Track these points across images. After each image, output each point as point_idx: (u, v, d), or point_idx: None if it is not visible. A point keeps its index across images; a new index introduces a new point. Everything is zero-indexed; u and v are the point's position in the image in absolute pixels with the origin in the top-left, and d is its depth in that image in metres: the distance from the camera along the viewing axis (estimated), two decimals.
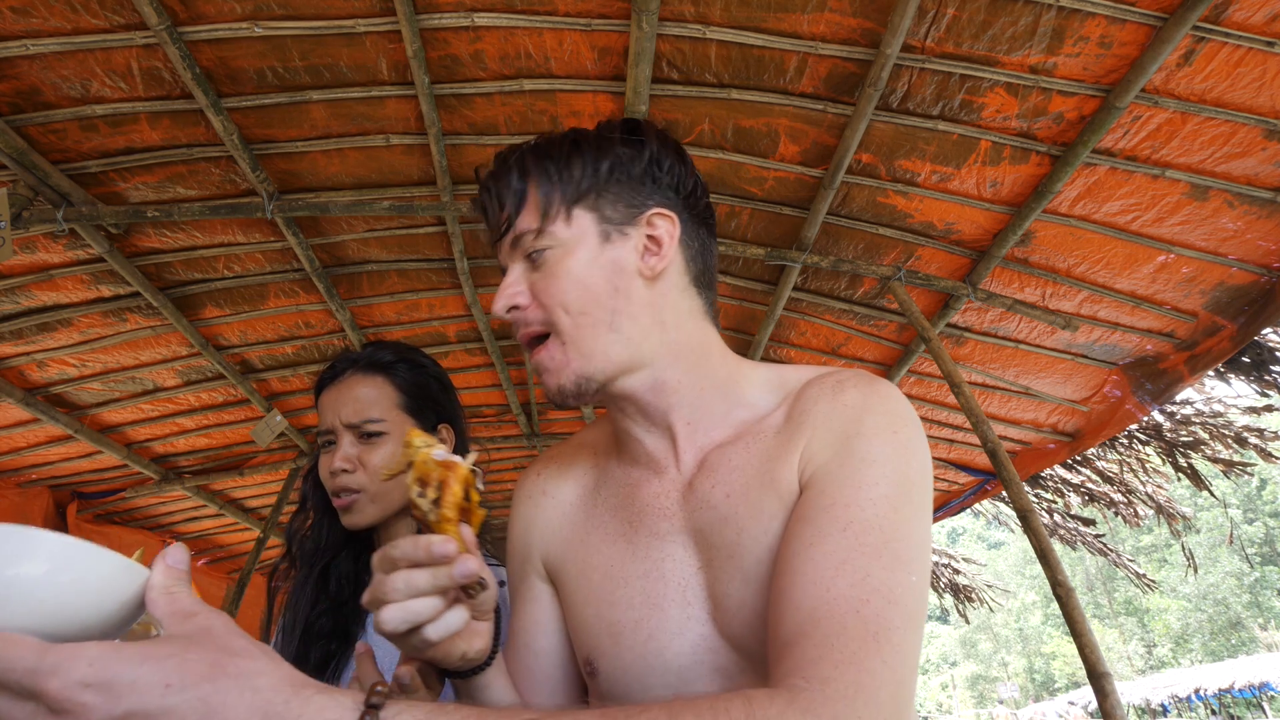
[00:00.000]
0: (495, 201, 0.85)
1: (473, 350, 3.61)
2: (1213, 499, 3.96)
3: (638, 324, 0.82)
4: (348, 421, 1.21)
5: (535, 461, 1.02)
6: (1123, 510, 4.17)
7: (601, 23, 2.01)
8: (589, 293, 0.81)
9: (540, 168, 0.83)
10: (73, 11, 1.83)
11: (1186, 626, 28.11)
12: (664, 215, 0.85)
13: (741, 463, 0.81)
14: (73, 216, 2.27)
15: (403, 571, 0.65)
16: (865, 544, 0.68)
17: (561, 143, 0.85)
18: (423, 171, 2.52)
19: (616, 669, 0.81)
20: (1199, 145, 2.12)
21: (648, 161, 0.85)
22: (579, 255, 0.82)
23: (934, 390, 3.59)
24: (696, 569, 0.81)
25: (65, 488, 3.95)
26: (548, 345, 0.83)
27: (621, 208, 0.84)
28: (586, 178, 0.83)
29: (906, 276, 2.76)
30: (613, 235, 0.83)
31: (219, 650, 0.51)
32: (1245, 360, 2.85)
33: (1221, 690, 15.24)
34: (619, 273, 0.82)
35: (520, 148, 0.87)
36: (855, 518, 0.69)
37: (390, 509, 1.23)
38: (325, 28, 1.98)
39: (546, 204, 0.82)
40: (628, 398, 0.85)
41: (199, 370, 3.31)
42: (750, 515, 0.78)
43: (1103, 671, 2.10)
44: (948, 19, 1.92)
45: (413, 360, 1.31)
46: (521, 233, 0.83)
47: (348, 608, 1.22)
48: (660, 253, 0.84)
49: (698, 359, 0.86)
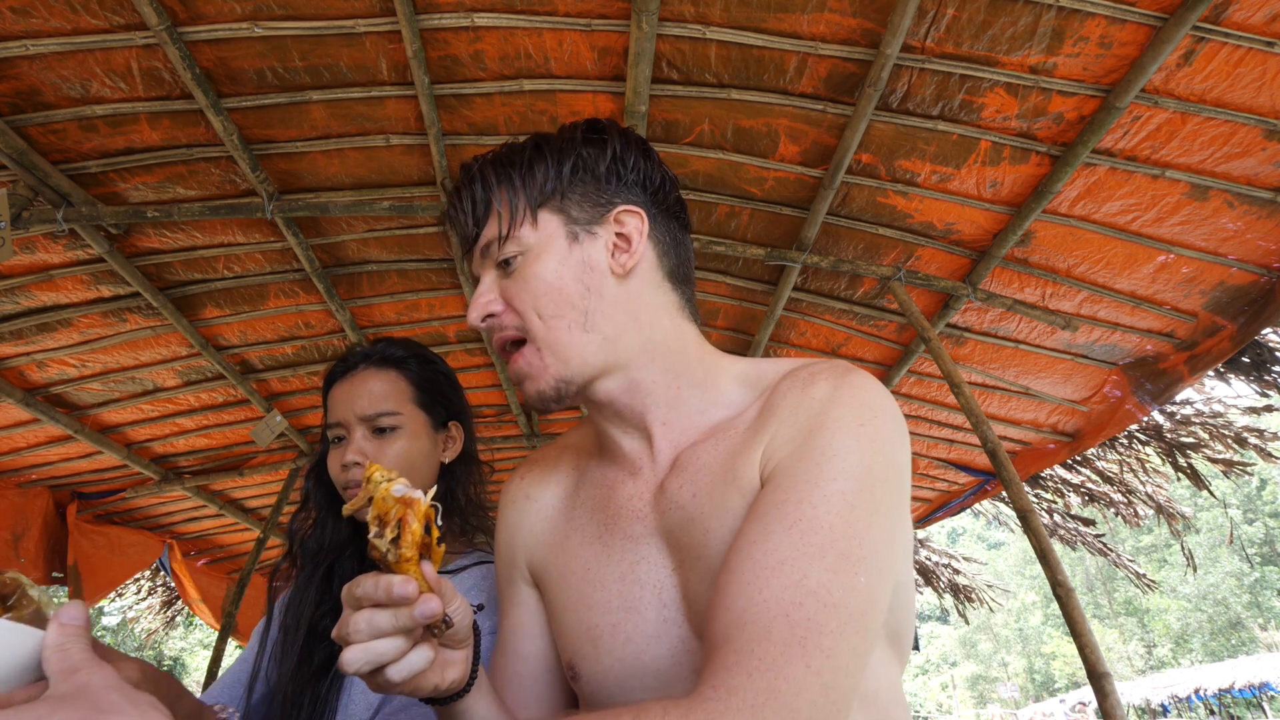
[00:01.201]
0: (461, 212, 0.85)
1: (472, 350, 3.61)
2: (1213, 499, 3.96)
3: (612, 322, 0.82)
4: (361, 414, 1.21)
5: (520, 466, 1.02)
6: (1123, 510, 4.17)
7: (601, 23, 2.01)
8: (561, 295, 0.81)
9: (503, 174, 0.84)
10: (73, 12, 1.83)
11: (1186, 626, 28.12)
12: (631, 212, 0.85)
13: (709, 461, 0.81)
14: (73, 217, 2.27)
15: (365, 611, 0.63)
16: (810, 543, 0.65)
17: (523, 148, 0.86)
18: (423, 172, 2.52)
19: (597, 673, 0.81)
20: (1199, 145, 2.12)
21: (611, 159, 0.85)
22: (548, 258, 0.82)
23: (934, 390, 3.59)
24: (670, 571, 0.81)
25: (65, 488, 3.95)
26: (524, 352, 0.83)
27: (588, 207, 0.84)
28: (550, 180, 0.83)
29: (906, 276, 2.76)
30: (580, 235, 0.83)
31: (89, 708, 0.50)
32: (1245, 360, 2.84)
33: (1221, 690, 15.24)
34: (589, 272, 0.82)
35: (483, 157, 0.87)
36: (805, 515, 0.67)
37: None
38: (325, 28, 1.98)
39: (511, 210, 0.82)
40: (605, 402, 0.85)
41: (199, 370, 3.31)
42: (715, 514, 0.77)
43: (1103, 671, 2.10)
44: (948, 19, 1.92)
45: (423, 356, 1.32)
46: (489, 241, 0.83)
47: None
48: (630, 249, 0.84)
49: (674, 356, 0.86)
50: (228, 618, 4.16)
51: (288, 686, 1.12)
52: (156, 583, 5.55)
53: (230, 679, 1.24)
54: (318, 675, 1.13)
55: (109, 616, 17.43)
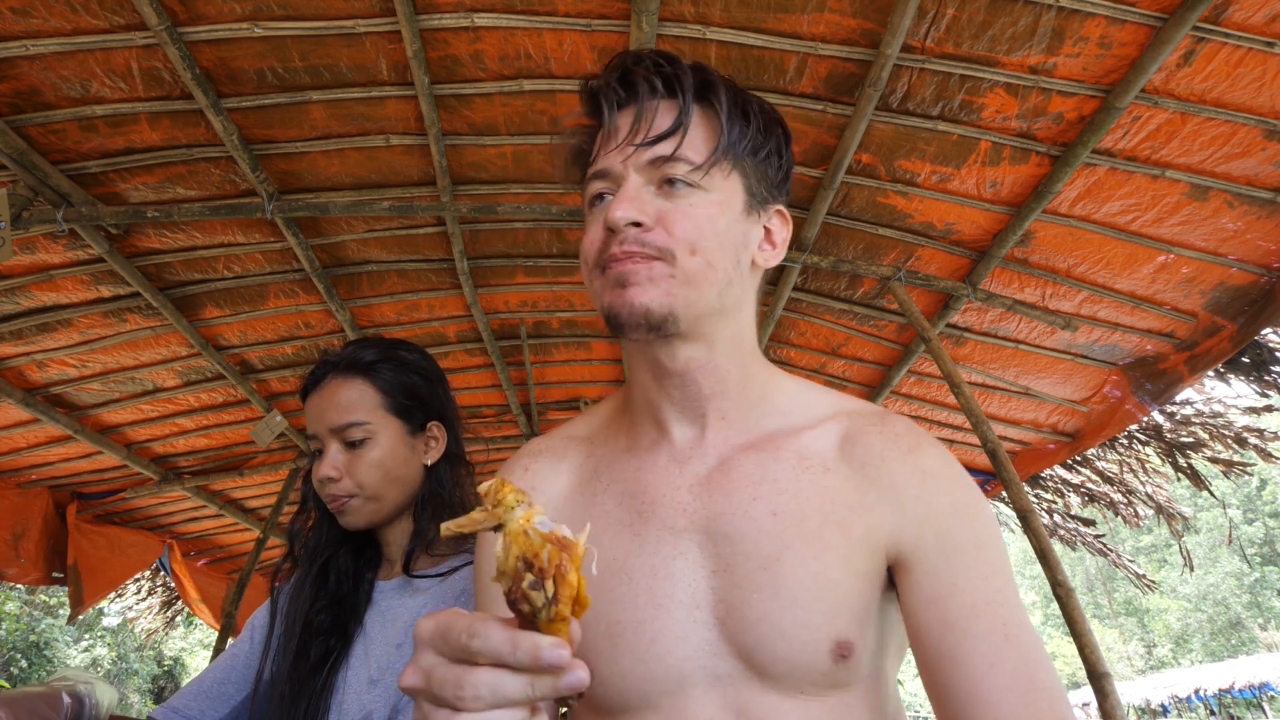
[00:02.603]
0: (656, 102, 0.76)
1: (473, 350, 3.61)
2: (1213, 499, 3.95)
3: (734, 302, 0.81)
4: (331, 427, 1.19)
5: (519, 455, 0.94)
6: (1123, 510, 4.16)
7: (601, 23, 2.01)
8: (722, 249, 0.77)
9: (728, 103, 0.77)
10: (73, 12, 1.83)
11: (1186, 627, 28.10)
12: (784, 215, 0.85)
13: (790, 487, 0.79)
14: (73, 217, 2.27)
15: (488, 672, 0.48)
16: (1027, 648, 0.70)
17: (737, 91, 0.79)
18: (423, 172, 2.52)
19: (614, 673, 0.76)
20: (1199, 145, 2.12)
21: (790, 158, 0.85)
22: (726, 212, 0.78)
23: (934, 390, 3.59)
24: (709, 573, 0.77)
25: (65, 488, 3.94)
26: (654, 264, 0.75)
27: (764, 189, 0.82)
28: (756, 142, 0.79)
29: (906, 277, 2.76)
30: (754, 210, 0.81)
31: None
32: (1245, 360, 2.84)
33: (1221, 690, 15.23)
34: (745, 248, 0.81)
35: (703, 66, 0.79)
36: (1004, 618, 0.71)
37: (387, 510, 1.21)
38: (325, 28, 1.98)
39: (722, 145, 0.76)
40: (679, 370, 0.81)
41: (199, 370, 3.31)
42: (802, 540, 0.76)
43: (1103, 671, 2.09)
44: (947, 19, 1.92)
45: (397, 357, 1.27)
46: (679, 159, 0.76)
47: (346, 604, 1.21)
48: (776, 249, 0.84)
49: (749, 357, 0.85)
50: (228, 618, 4.16)
51: (285, 684, 1.12)
52: (156, 583, 5.54)
53: (199, 690, 1.21)
54: (314, 671, 1.13)
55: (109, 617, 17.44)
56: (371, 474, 1.18)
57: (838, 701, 0.75)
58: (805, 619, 0.73)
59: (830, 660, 0.73)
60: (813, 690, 0.74)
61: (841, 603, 0.74)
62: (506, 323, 3.44)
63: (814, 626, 0.73)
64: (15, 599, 14.39)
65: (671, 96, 0.77)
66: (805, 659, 0.73)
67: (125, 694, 17.42)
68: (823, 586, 0.74)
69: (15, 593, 14.02)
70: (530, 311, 3.37)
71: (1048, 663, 0.70)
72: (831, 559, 0.75)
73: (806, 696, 0.74)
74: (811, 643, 0.73)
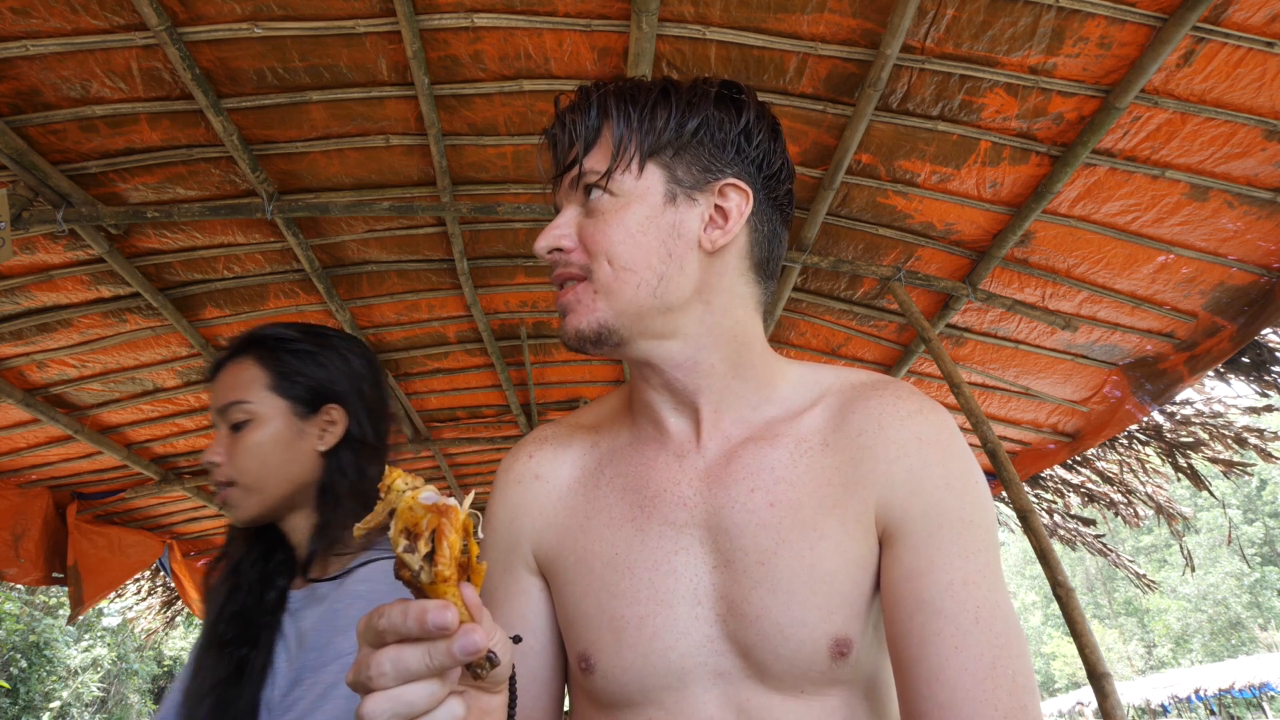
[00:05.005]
0: (567, 136, 0.79)
1: (472, 351, 3.61)
2: (1213, 499, 3.95)
3: (683, 296, 0.78)
4: (216, 407, 1.13)
5: (524, 442, 0.93)
6: (1123, 510, 4.16)
7: (601, 23, 2.01)
8: (639, 251, 0.76)
9: (622, 110, 0.78)
10: (73, 12, 1.83)
11: (1186, 627, 28.10)
12: (737, 188, 0.79)
13: (787, 474, 0.78)
14: (73, 217, 2.27)
15: (391, 648, 0.51)
16: (997, 633, 0.69)
17: (650, 89, 0.79)
18: (422, 172, 2.52)
19: (616, 667, 0.77)
20: (1199, 146, 2.12)
21: (740, 130, 0.79)
22: (637, 211, 0.77)
23: (934, 390, 3.59)
24: (710, 567, 0.78)
25: (65, 488, 3.94)
26: (577, 287, 0.78)
27: (696, 171, 0.78)
28: (669, 131, 0.77)
29: (906, 277, 2.76)
30: (679, 198, 0.78)
31: None
32: (1245, 360, 2.84)
33: (1221, 690, 15.23)
34: (676, 238, 0.77)
35: (606, 84, 0.80)
36: (976, 599, 0.70)
37: (271, 501, 1.12)
38: (325, 28, 1.98)
39: (619, 150, 0.77)
40: (656, 366, 0.81)
41: (199, 371, 3.31)
42: (798, 530, 0.75)
43: (1103, 672, 2.10)
44: (947, 19, 1.92)
45: (287, 337, 1.18)
46: (586, 173, 0.78)
47: (251, 614, 1.11)
48: (725, 227, 0.78)
49: (739, 348, 0.82)
50: None
51: (209, 695, 1.04)
52: (156, 583, 5.54)
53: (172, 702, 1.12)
54: (227, 683, 1.04)
55: (109, 617, 17.44)
56: (249, 459, 1.10)
57: (838, 700, 0.75)
58: (802, 616, 0.73)
59: (829, 658, 0.73)
60: (812, 689, 0.74)
61: (838, 597, 0.74)
62: (506, 323, 3.44)
63: (811, 624, 0.73)
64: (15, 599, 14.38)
65: (582, 123, 0.80)
66: (804, 656, 0.73)
67: (125, 694, 17.40)
68: (818, 580, 0.74)
69: (15, 593, 14.01)
70: (530, 312, 3.37)
71: (1019, 649, 0.68)
72: (826, 548, 0.75)
73: (807, 695, 0.74)
74: (809, 640, 0.73)
